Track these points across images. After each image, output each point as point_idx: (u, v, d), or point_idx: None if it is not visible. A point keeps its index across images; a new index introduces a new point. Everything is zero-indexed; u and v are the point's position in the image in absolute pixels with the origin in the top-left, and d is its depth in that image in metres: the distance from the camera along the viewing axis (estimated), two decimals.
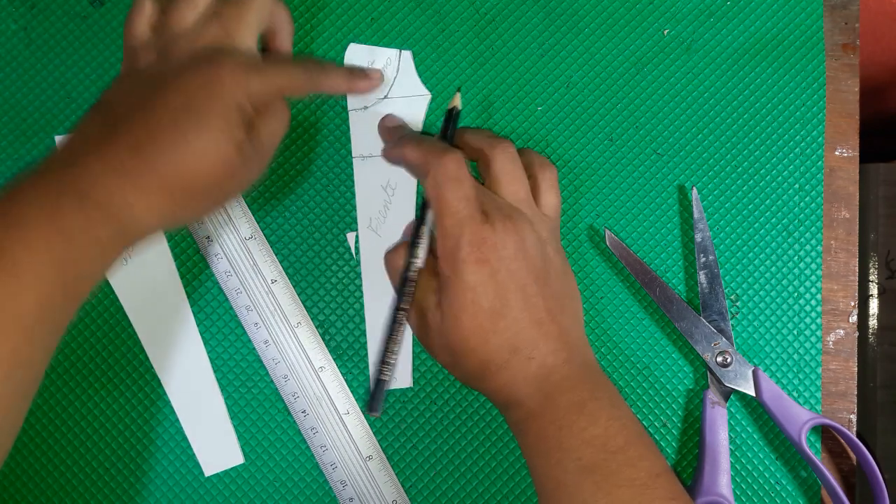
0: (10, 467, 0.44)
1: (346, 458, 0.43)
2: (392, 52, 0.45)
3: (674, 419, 0.44)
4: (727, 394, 0.43)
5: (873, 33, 0.52)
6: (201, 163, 0.35)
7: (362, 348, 0.44)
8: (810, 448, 0.43)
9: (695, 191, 0.44)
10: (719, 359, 0.43)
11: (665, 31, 0.46)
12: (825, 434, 0.45)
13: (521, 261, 0.38)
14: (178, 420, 0.44)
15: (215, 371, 0.44)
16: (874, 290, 0.48)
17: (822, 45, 0.46)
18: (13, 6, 0.45)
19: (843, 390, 0.45)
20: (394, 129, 0.43)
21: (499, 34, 0.46)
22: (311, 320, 0.44)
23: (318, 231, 0.45)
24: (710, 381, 0.43)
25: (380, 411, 0.39)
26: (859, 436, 0.44)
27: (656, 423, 0.44)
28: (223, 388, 0.44)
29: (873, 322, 0.48)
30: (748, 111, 0.45)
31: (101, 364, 0.44)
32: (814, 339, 0.45)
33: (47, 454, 0.44)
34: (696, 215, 0.44)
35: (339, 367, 0.44)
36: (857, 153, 0.46)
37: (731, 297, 0.45)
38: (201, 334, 0.44)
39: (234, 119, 0.36)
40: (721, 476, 0.42)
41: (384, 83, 0.45)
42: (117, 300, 0.44)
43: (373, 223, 0.44)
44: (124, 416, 0.44)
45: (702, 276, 0.44)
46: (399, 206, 0.44)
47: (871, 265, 0.48)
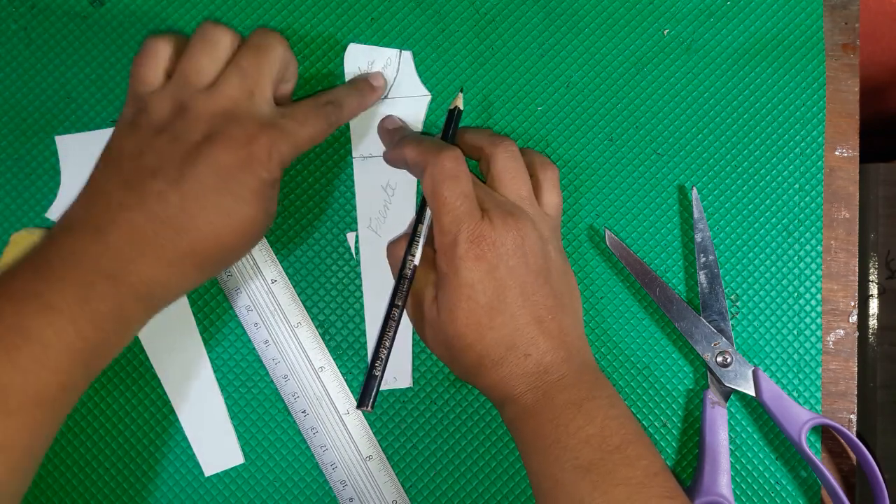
0: None
1: (346, 458, 0.43)
2: (392, 52, 0.45)
3: (674, 419, 0.44)
4: (727, 394, 0.43)
5: (873, 33, 0.52)
6: (236, 234, 0.36)
7: (362, 348, 0.44)
8: (810, 448, 0.43)
9: (695, 191, 0.44)
10: (719, 359, 0.43)
11: (665, 31, 0.46)
12: (825, 434, 0.45)
13: (520, 258, 0.38)
14: (178, 420, 0.44)
15: (215, 371, 0.44)
16: (874, 290, 0.48)
17: (822, 45, 0.46)
18: (13, 6, 0.45)
19: (843, 390, 0.45)
20: (394, 131, 0.43)
21: (499, 34, 0.46)
22: (311, 320, 0.44)
23: (318, 231, 0.45)
24: (710, 381, 0.43)
25: (370, 406, 0.39)
26: (859, 436, 0.44)
27: (656, 423, 0.44)
28: (223, 388, 0.44)
29: (873, 322, 0.48)
30: (748, 111, 0.45)
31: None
32: (814, 339, 0.45)
33: (47, 454, 0.44)
34: (696, 215, 0.44)
35: (339, 367, 0.44)
36: (857, 153, 0.46)
37: (731, 297, 0.45)
38: (201, 334, 0.44)
39: (267, 192, 0.37)
40: (721, 476, 0.42)
41: (386, 84, 0.45)
42: None
43: (373, 223, 0.44)
44: (124, 416, 0.44)
45: (702, 276, 0.44)
46: (399, 206, 0.44)
47: (871, 265, 0.48)
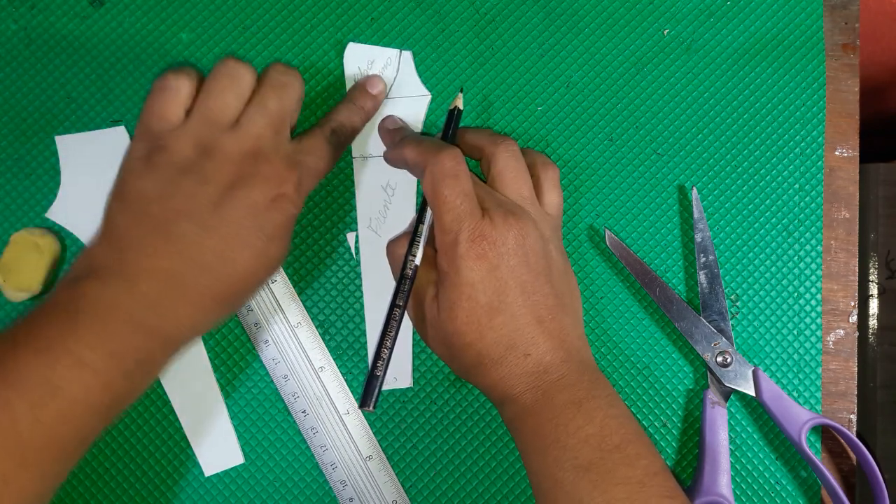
0: None
1: (346, 458, 0.43)
2: (392, 52, 0.45)
3: (674, 419, 0.44)
4: (727, 394, 0.43)
5: (873, 33, 0.52)
6: (267, 270, 0.38)
7: (362, 348, 0.44)
8: (810, 448, 0.43)
9: (695, 191, 0.44)
10: (719, 359, 0.43)
11: (665, 31, 0.46)
12: (825, 434, 0.45)
13: (521, 257, 0.38)
14: (178, 420, 0.44)
15: (215, 371, 0.44)
16: (874, 290, 0.48)
17: (822, 45, 0.46)
18: (13, 6, 0.45)
19: (843, 390, 0.45)
20: (394, 132, 0.43)
21: (499, 34, 0.46)
22: (311, 320, 0.44)
23: (318, 231, 0.45)
24: (710, 381, 0.43)
25: (372, 406, 0.39)
26: (859, 436, 0.44)
27: (656, 423, 0.44)
28: (223, 388, 0.44)
29: (873, 322, 0.48)
30: (748, 111, 0.45)
31: None
32: (814, 339, 0.45)
33: None
34: (696, 215, 0.44)
35: (339, 367, 0.44)
36: (857, 153, 0.46)
37: (731, 297, 0.45)
38: (201, 335, 0.44)
39: (292, 226, 0.38)
40: (721, 476, 0.42)
41: (385, 85, 0.45)
42: None
43: (373, 223, 0.44)
44: (124, 416, 0.44)
45: (702, 276, 0.44)
46: (399, 206, 0.44)
47: (871, 265, 0.48)
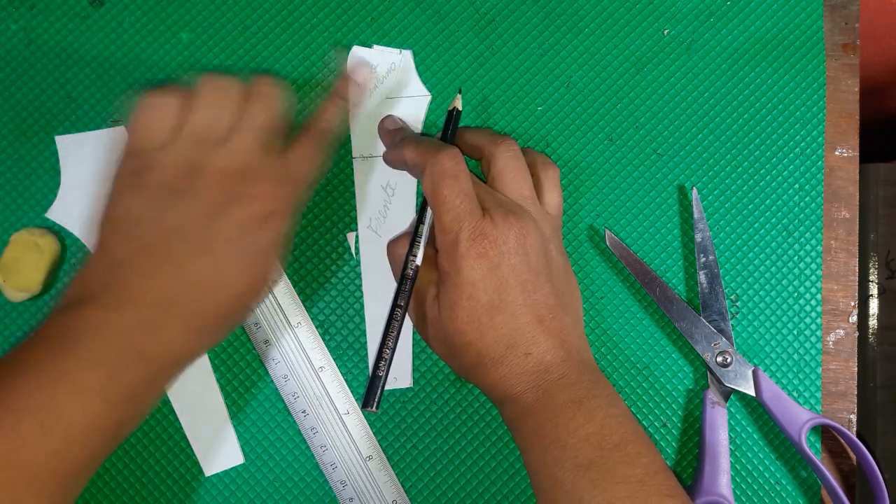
0: None
1: (346, 458, 0.43)
2: (395, 56, 0.45)
3: (674, 419, 0.44)
4: (727, 394, 0.43)
5: (873, 33, 0.52)
6: (261, 286, 0.38)
7: (362, 348, 0.44)
8: (810, 448, 0.43)
9: (695, 191, 0.44)
10: (719, 359, 0.43)
11: (665, 31, 0.46)
12: (825, 434, 0.45)
13: (522, 256, 0.37)
14: (178, 420, 0.44)
15: (215, 371, 0.44)
16: (874, 290, 0.48)
17: (822, 45, 0.46)
18: (13, 6, 0.45)
19: (843, 390, 0.45)
20: (394, 132, 0.43)
21: (499, 34, 0.46)
22: (311, 320, 0.44)
23: (318, 231, 0.45)
24: (710, 381, 0.43)
25: (375, 407, 0.39)
26: (859, 436, 0.44)
27: (656, 423, 0.44)
28: (223, 388, 0.44)
29: (873, 322, 0.48)
30: (748, 111, 0.45)
31: None
32: (814, 339, 0.45)
33: None
34: (696, 215, 0.44)
35: (339, 367, 0.44)
36: (857, 153, 0.46)
37: (731, 297, 0.45)
38: None
39: (281, 250, 0.38)
40: (721, 476, 0.42)
41: (379, 78, 0.45)
42: None
43: (373, 223, 0.44)
44: None
45: (702, 276, 0.44)
46: (399, 206, 0.44)
47: (871, 265, 0.48)
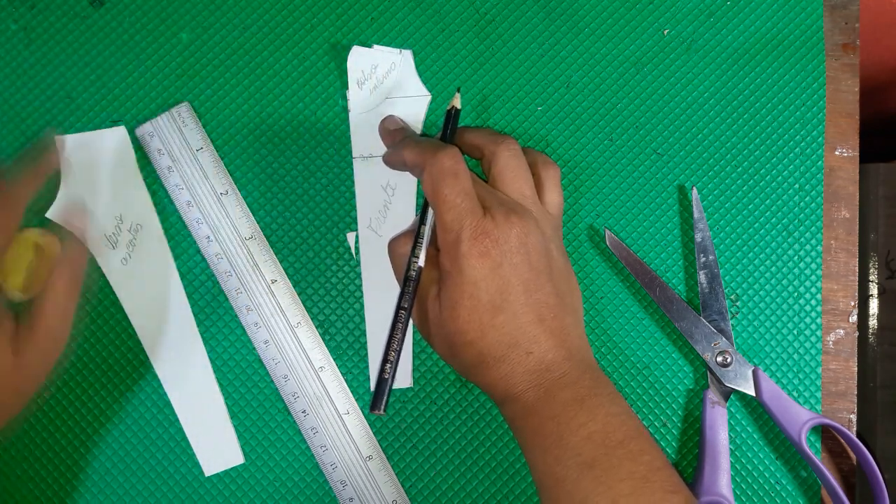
0: (11, 467, 0.44)
1: (346, 458, 0.43)
2: (396, 56, 0.45)
3: (674, 419, 0.44)
4: (727, 394, 0.43)
5: (873, 33, 0.52)
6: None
7: (362, 348, 0.44)
8: (810, 448, 0.43)
9: (695, 191, 0.44)
10: (719, 359, 0.43)
11: (665, 31, 0.46)
12: (825, 434, 0.45)
13: (523, 255, 0.37)
14: (178, 420, 0.44)
15: (215, 371, 0.44)
16: (874, 290, 0.48)
17: (822, 45, 0.46)
18: (13, 6, 0.45)
19: (843, 390, 0.45)
20: (395, 132, 0.43)
21: (499, 34, 0.46)
22: (311, 320, 0.44)
23: (318, 231, 0.45)
24: (710, 381, 0.43)
25: (383, 409, 0.38)
26: (859, 436, 0.44)
27: (656, 423, 0.44)
28: (223, 388, 0.44)
29: (873, 322, 0.48)
30: (748, 111, 0.45)
31: (101, 364, 0.44)
32: (814, 339, 0.45)
33: (48, 454, 0.44)
34: (696, 215, 0.44)
35: (339, 367, 0.44)
36: (857, 153, 0.46)
37: (731, 297, 0.45)
38: (201, 334, 0.44)
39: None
40: (721, 476, 0.42)
41: (379, 78, 0.45)
42: (117, 300, 0.44)
43: (373, 223, 0.44)
44: (125, 416, 0.44)
45: (702, 276, 0.44)
46: (399, 206, 0.44)
47: (871, 265, 0.48)
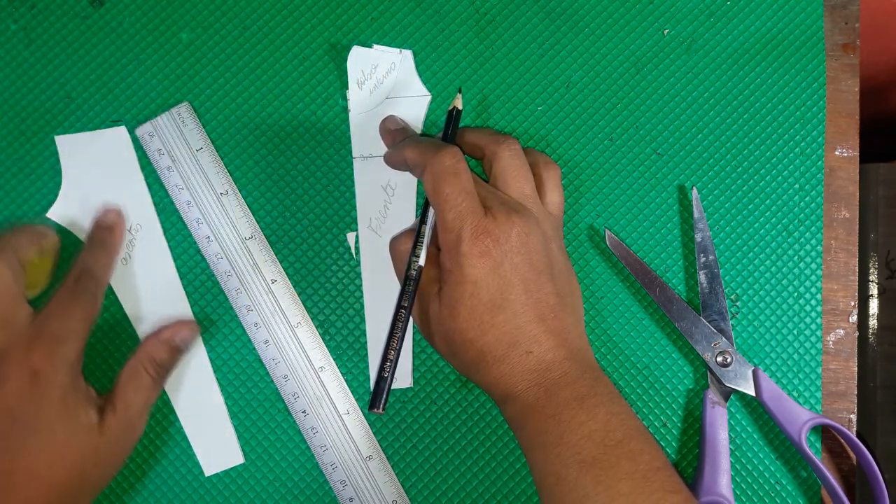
0: None
1: (346, 458, 0.43)
2: (395, 56, 0.45)
3: (674, 419, 0.44)
4: (727, 394, 0.43)
5: (873, 33, 0.52)
6: (72, 462, 0.36)
7: (362, 348, 0.44)
8: (810, 448, 0.43)
9: (695, 191, 0.44)
10: (719, 359, 0.43)
11: (665, 31, 0.46)
12: (825, 434, 0.45)
13: (524, 254, 0.37)
14: (177, 420, 0.44)
15: (215, 371, 0.44)
16: (874, 290, 0.48)
17: (822, 45, 0.46)
18: (13, 6, 0.45)
19: (843, 390, 0.45)
20: (396, 132, 0.43)
21: (499, 34, 0.46)
22: (311, 320, 0.44)
23: (318, 231, 0.45)
24: (710, 381, 0.43)
25: (382, 408, 0.38)
26: (859, 436, 0.44)
27: (656, 423, 0.44)
28: (223, 388, 0.44)
29: (873, 322, 0.48)
30: (748, 111, 0.45)
31: (101, 364, 0.44)
32: (814, 339, 0.45)
33: None
34: (696, 215, 0.44)
35: (339, 367, 0.44)
36: (857, 153, 0.46)
37: (731, 297, 0.45)
38: (201, 334, 0.44)
39: (72, 401, 0.37)
40: (721, 476, 0.42)
41: (379, 78, 0.45)
42: (117, 300, 0.44)
43: (373, 223, 0.44)
44: None
45: (702, 276, 0.44)
46: (399, 206, 0.44)
47: (871, 265, 0.48)
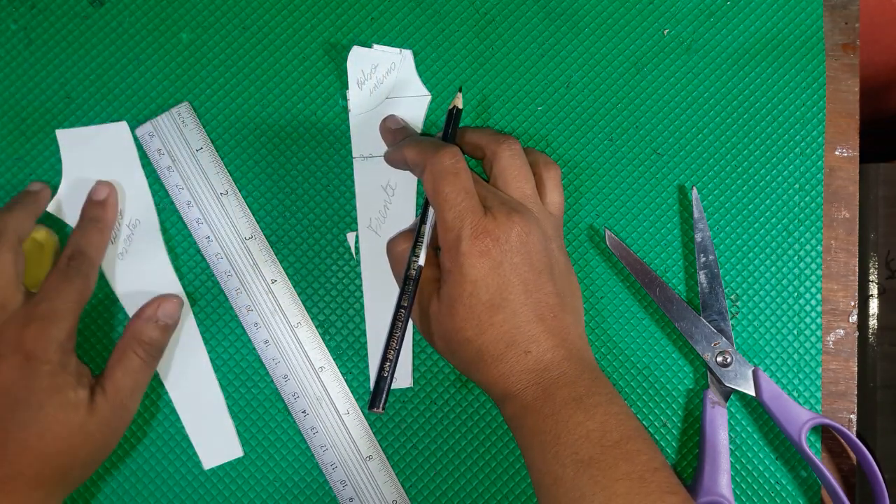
0: None
1: (346, 458, 0.43)
2: (395, 56, 0.45)
3: (674, 419, 0.44)
4: (727, 394, 0.43)
5: (873, 33, 0.52)
6: (63, 439, 0.37)
7: (362, 348, 0.44)
8: (810, 448, 0.43)
9: (695, 191, 0.44)
10: (719, 359, 0.43)
11: (665, 31, 0.46)
12: (825, 434, 0.45)
13: (524, 254, 0.37)
14: (175, 413, 0.44)
15: (215, 371, 0.44)
16: (874, 290, 0.48)
17: (822, 45, 0.46)
18: (13, 6, 0.45)
19: (843, 390, 0.45)
20: (396, 132, 0.43)
21: (499, 34, 0.46)
22: (311, 320, 0.44)
23: (318, 231, 0.45)
24: (710, 381, 0.43)
25: (382, 408, 0.38)
26: (859, 436, 0.44)
27: (656, 423, 0.44)
28: (223, 388, 0.44)
29: (873, 322, 0.48)
30: (748, 111, 0.45)
31: (96, 358, 0.44)
32: (814, 339, 0.45)
33: None
34: (696, 215, 0.44)
35: (339, 367, 0.44)
36: (857, 153, 0.46)
37: (731, 297, 0.45)
38: (201, 335, 0.44)
39: (61, 381, 0.37)
40: (721, 476, 0.42)
41: (379, 78, 0.45)
42: (117, 299, 0.44)
43: (373, 223, 0.44)
44: None
45: (702, 276, 0.44)
46: (399, 206, 0.44)
47: (871, 265, 0.48)
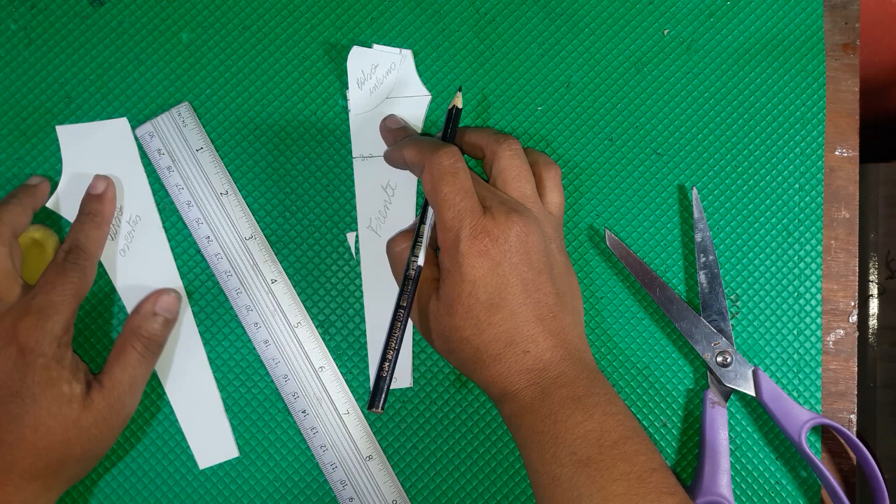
0: None
1: (346, 458, 0.43)
2: (395, 56, 0.45)
3: (674, 419, 0.44)
4: (727, 394, 0.43)
5: (873, 33, 0.52)
6: (60, 432, 0.37)
7: (362, 348, 0.44)
8: (810, 448, 0.43)
9: (695, 191, 0.44)
10: (719, 359, 0.43)
11: (665, 31, 0.46)
12: (825, 434, 0.45)
13: (523, 254, 0.37)
14: (173, 412, 0.44)
15: (215, 371, 0.44)
16: (874, 290, 0.48)
17: (822, 45, 0.46)
18: (13, 6, 0.45)
19: (843, 390, 0.45)
20: (396, 131, 0.43)
21: (499, 34, 0.46)
22: (311, 320, 0.44)
23: (318, 231, 0.45)
24: (710, 381, 0.43)
25: (381, 408, 0.38)
26: (859, 436, 0.44)
27: (656, 423, 0.44)
28: (223, 388, 0.44)
29: (873, 322, 0.48)
30: (748, 111, 0.45)
31: (95, 357, 0.44)
32: (814, 339, 0.45)
33: None
34: (696, 215, 0.44)
35: (339, 367, 0.44)
36: (857, 153, 0.46)
37: (731, 297, 0.45)
38: (201, 334, 0.44)
39: (55, 374, 0.38)
40: (721, 476, 0.42)
41: (379, 78, 0.45)
42: (117, 299, 0.44)
43: (373, 223, 0.44)
44: None
45: (702, 276, 0.44)
46: (399, 206, 0.44)
47: (871, 265, 0.48)
